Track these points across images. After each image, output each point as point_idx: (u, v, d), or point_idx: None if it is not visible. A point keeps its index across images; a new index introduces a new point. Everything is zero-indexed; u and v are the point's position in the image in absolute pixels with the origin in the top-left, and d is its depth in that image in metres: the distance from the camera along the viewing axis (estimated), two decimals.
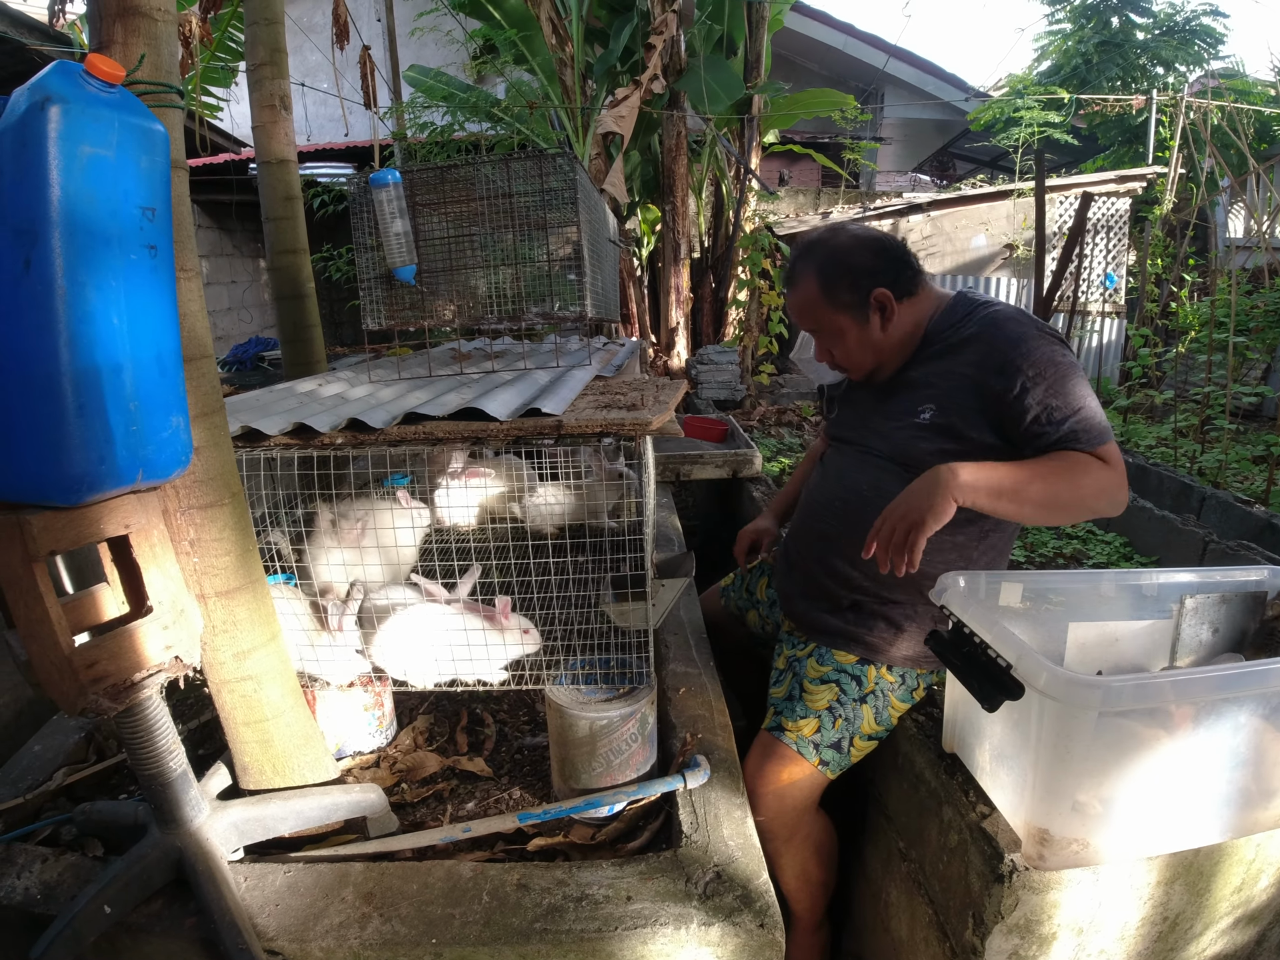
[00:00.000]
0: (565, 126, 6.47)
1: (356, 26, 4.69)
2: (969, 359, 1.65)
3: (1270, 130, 9.04)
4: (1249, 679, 1.28)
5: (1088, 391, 1.58)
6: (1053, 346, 1.60)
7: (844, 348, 1.77)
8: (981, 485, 1.45)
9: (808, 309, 1.77)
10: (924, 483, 1.47)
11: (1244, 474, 4.15)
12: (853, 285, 1.71)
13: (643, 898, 1.25)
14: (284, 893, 1.29)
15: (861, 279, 1.71)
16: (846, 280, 1.71)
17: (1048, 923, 1.38)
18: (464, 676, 1.61)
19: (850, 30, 11.84)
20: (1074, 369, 1.59)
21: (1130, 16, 10.97)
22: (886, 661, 1.78)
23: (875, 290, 1.70)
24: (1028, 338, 1.60)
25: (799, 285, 1.76)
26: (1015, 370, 1.57)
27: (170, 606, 1.19)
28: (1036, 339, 1.60)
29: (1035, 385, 1.55)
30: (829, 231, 1.79)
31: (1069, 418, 1.54)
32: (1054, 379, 1.56)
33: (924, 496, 1.45)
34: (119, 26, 1.11)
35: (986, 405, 1.61)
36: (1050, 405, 1.55)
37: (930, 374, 1.71)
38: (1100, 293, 8.02)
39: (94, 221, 0.98)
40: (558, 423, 1.42)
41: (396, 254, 1.83)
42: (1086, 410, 1.55)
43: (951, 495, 1.43)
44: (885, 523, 1.48)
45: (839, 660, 1.80)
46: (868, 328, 1.73)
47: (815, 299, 1.74)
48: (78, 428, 0.99)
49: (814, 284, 1.73)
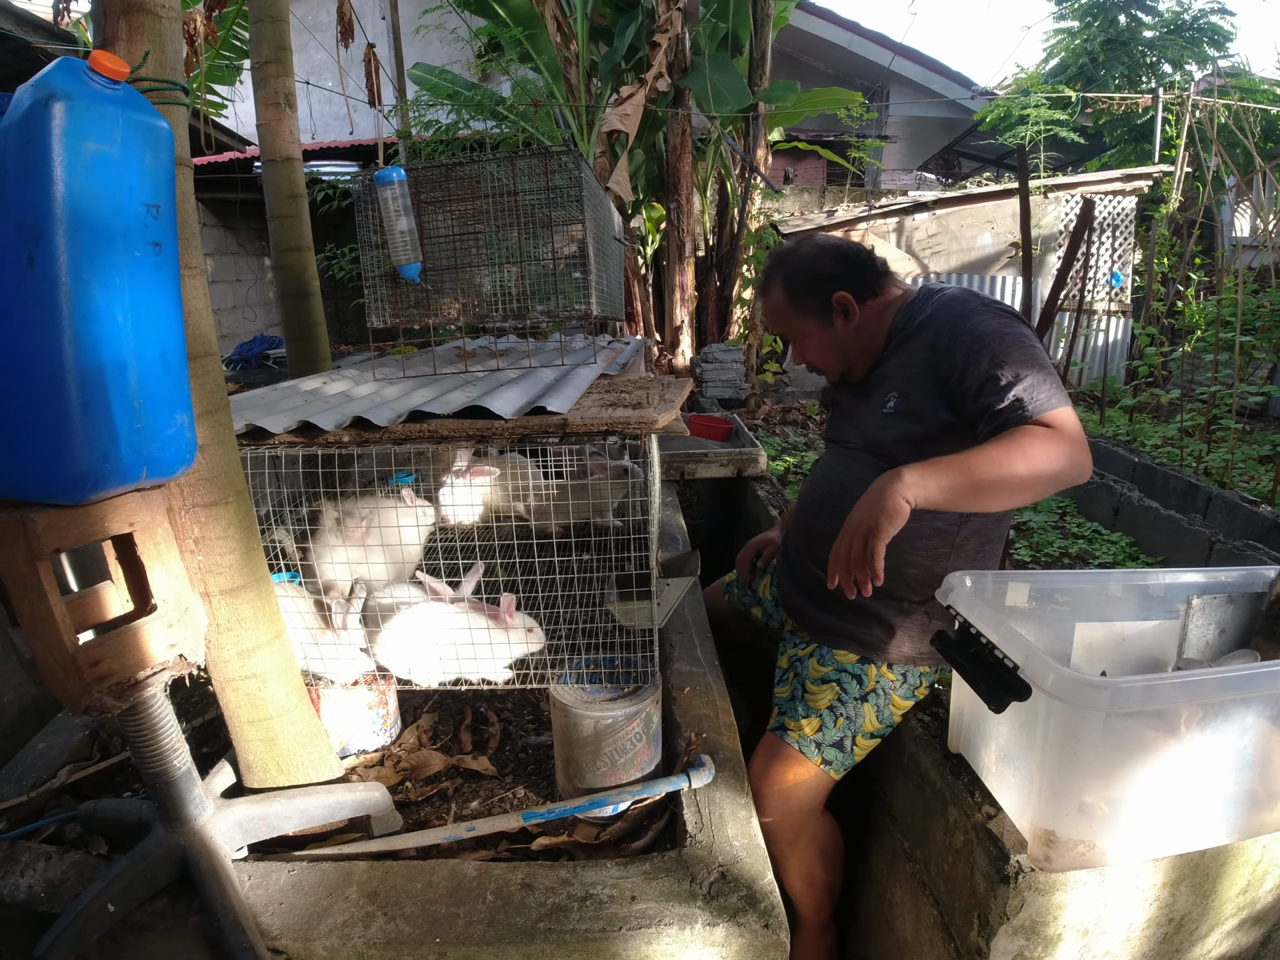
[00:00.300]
0: (570, 124, 6.46)
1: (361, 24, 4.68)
2: (922, 344, 1.69)
3: (1277, 128, 9.01)
4: (1257, 680, 1.28)
5: (1036, 360, 1.55)
6: (999, 319, 1.61)
7: (813, 350, 1.88)
8: (930, 480, 1.44)
9: (778, 315, 1.88)
10: (871, 491, 1.47)
11: (1250, 474, 4.14)
12: (816, 290, 1.81)
13: (647, 898, 1.25)
14: (288, 891, 1.29)
15: (824, 284, 1.80)
16: (809, 286, 1.82)
17: (1053, 924, 1.38)
18: (468, 675, 1.61)
19: (855, 28, 11.82)
20: (1021, 339, 1.58)
21: (1137, 15, 10.94)
22: (887, 660, 1.78)
23: (836, 294, 1.79)
24: (971, 313, 1.63)
25: (769, 294, 1.88)
26: (959, 345, 1.60)
27: (174, 605, 1.19)
28: (980, 314, 1.62)
29: (978, 357, 1.56)
30: (795, 243, 1.91)
31: (1013, 385, 1.51)
32: (998, 349, 1.55)
33: (873, 503, 1.44)
34: (123, 23, 1.11)
35: (940, 386, 1.65)
36: (993, 375, 1.53)
37: (893, 366, 1.76)
38: (1106, 291, 8.00)
39: (98, 218, 0.97)
40: (563, 421, 1.42)
41: (401, 252, 1.83)
42: (1032, 378, 1.52)
43: (900, 495, 1.42)
44: (841, 541, 1.48)
45: (839, 660, 1.81)
46: (833, 330, 1.82)
47: (783, 305, 1.85)
48: (82, 425, 0.99)
49: (781, 292, 1.85)
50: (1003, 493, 1.47)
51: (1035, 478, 1.46)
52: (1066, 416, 1.51)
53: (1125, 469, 4.10)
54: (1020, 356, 1.54)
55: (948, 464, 1.46)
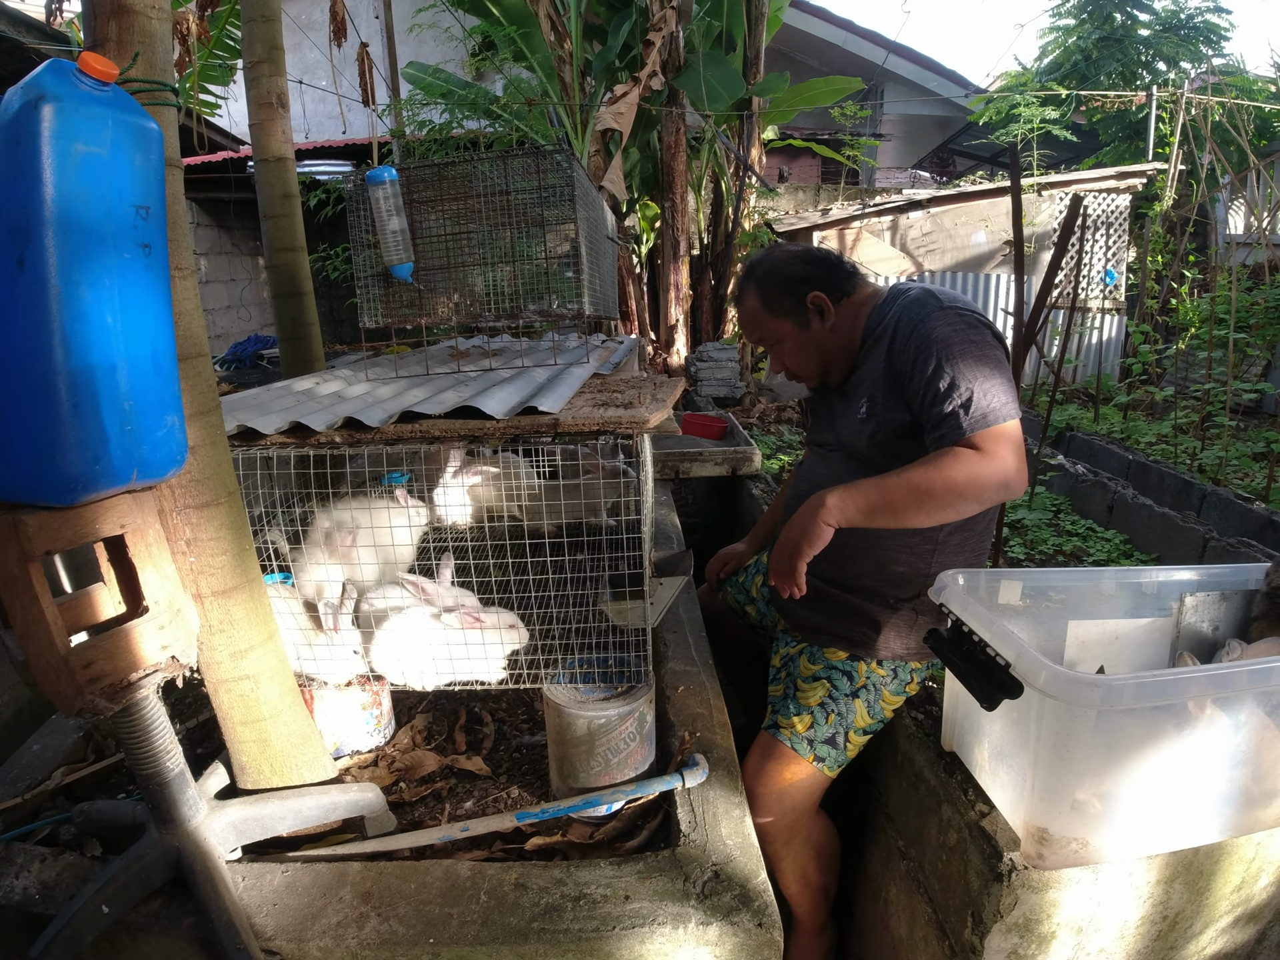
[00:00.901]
0: (564, 123, 6.46)
1: (355, 24, 4.68)
2: (886, 347, 1.70)
3: (1271, 126, 9.03)
4: (1250, 677, 1.28)
5: (985, 368, 1.56)
6: (953, 325, 1.60)
7: (790, 353, 1.86)
8: (850, 504, 1.55)
9: (754, 322, 1.88)
10: (799, 514, 1.60)
11: (1244, 471, 4.15)
12: (790, 292, 1.81)
13: (641, 897, 1.25)
14: (282, 892, 1.29)
15: (797, 286, 1.81)
16: (783, 288, 1.82)
17: (1047, 922, 1.38)
18: (460, 677, 1.61)
19: (850, 26, 11.82)
20: (971, 346, 1.57)
21: (1132, 13, 10.95)
22: (875, 656, 1.79)
23: (811, 294, 1.80)
24: (927, 317, 1.62)
25: (744, 302, 1.88)
26: (911, 350, 1.62)
27: (166, 606, 1.19)
28: (935, 318, 1.61)
29: (926, 364, 1.58)
30: (765, 251, 1.95)
31: (953, 396, 1.53)
32: (944, 357, 1.56)
33: (799, 526, 1.58)
34: (113, 24, 1.11)
35: (901, 388, 1.66)
36: (937, 386, 1.56)
37: (865, 370, 1.77)
38: (1100, 289, 8.01)
39: (88, 220, 0.97)
40: (554, 421, 1.42)
41: (393, 251, 1.83)
42: (978, 387, 1.53)
43: (821, 521, 1.55)
44: (774, 556, 1.63)
45: (829, 657, 1.82)
46: (809, 330, 1.82)
47: (758, 311, 1.85)
48: (72, 427, 0.99)
49: (755, 298, 1.85)
50: (921, 514, 1.55)
51: (954, 500, 1.52)
52: (1004, 433, 1.53)
53: (1119, 466, 4.11)
54: (967, 366, 1.55)
55: (868, 488, 1.56)
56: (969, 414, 1.52)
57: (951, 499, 1.51)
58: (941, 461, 1.52)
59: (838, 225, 7.90)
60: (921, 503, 1.52)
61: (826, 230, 7.89)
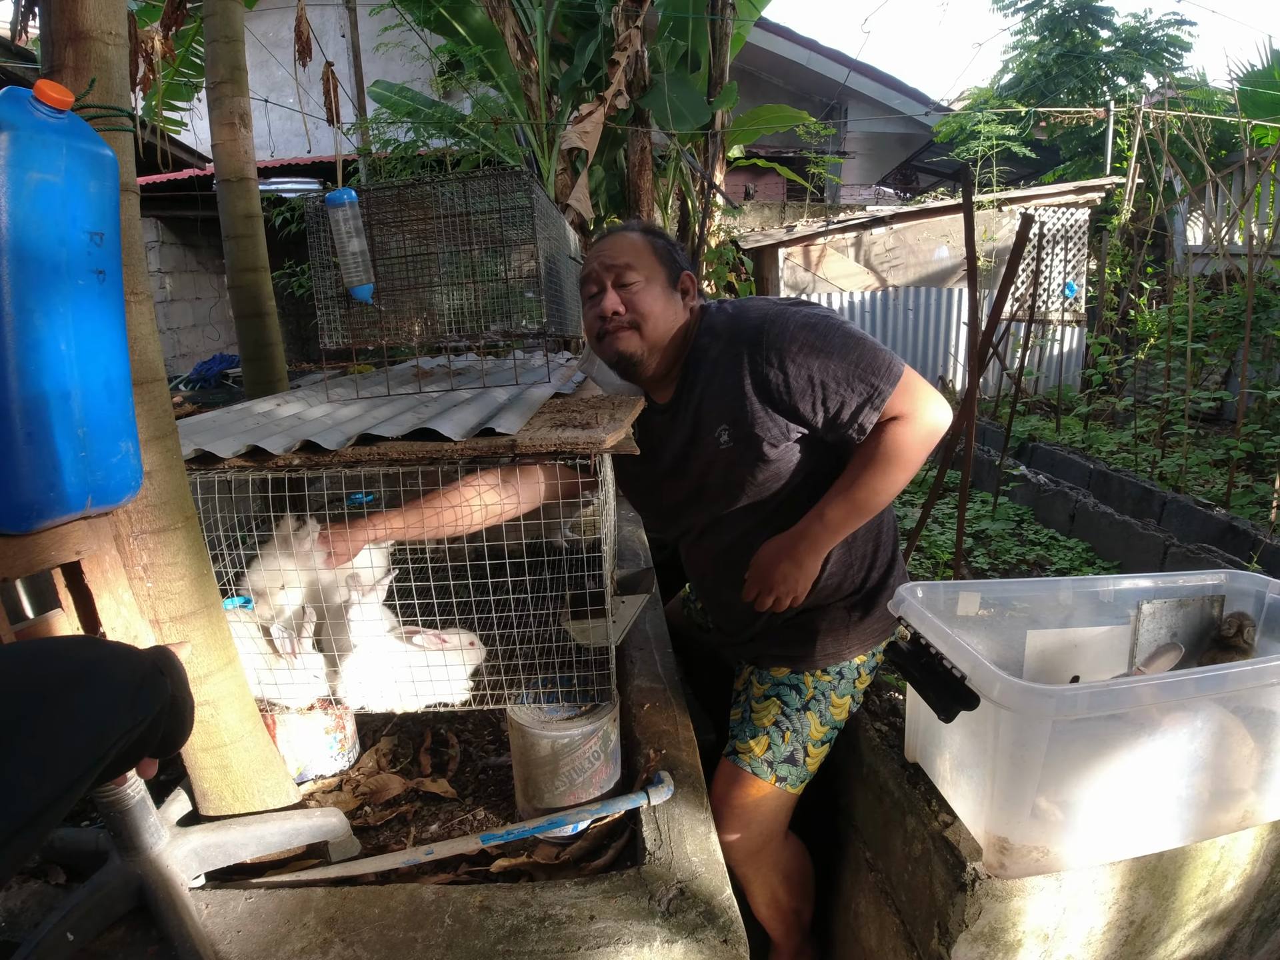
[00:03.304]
0: (531, 142, 6.47)
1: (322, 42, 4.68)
2: (733, 364, 1.66)
3: (1230, 138, 9.23)
4: (1205, 684, 1.30)
5: (854, 341, 1.59)
6: (799, 312, 1.63)
7: (651, 298, 1.70)
8: (824, 545, 1.67)
9: (634, 250, 1.72)
10: (782, 571, 1.69)
11: (1205, 478, 4.23)
12: (672, 258, 1.76)
13: (606, 916, 1.25)
14: (245, 919, 1.28)
15: (678, 255, 1.78)
16: (670, 250, 1.76)
17: (1012, 930, 1.40)
18: (423, 701, 1.61)
19: (813, 46, 11.97)
20: (827, 321, 1.61)
21: (1093, 28, 11.16)
22: (816, 666, 1.80)
23: (685, 271, 1.76)
24: (772, 318, 1.63)
25: (628, 233, 1.77)
26: (776, 354, 1.60)
27: (124, 633, 1.18)
28: (781, 315, 1.63)
29: (802, 362, 1.59)
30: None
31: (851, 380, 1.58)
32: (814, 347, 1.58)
33: (791, 583, 1.68)
34: (70, 51, 1.11)
35: (773, 401, 1.63)
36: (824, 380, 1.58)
37: (708, 393, 1.70)
38: (1061, 302, 8.15)
39: (41, 248, 0.97)
40: (512, 442, 1.42)
41: (354, 273, 1.83)
42: (863, 361, 1.57)
43: (804, 567, 1.68)
44: (767, 598, 1.72)
45: (775, 675, 1.83)
46: (674, 296, 1.74)
47: (642, 245, 1.74)
48: (26, 455, 0.98)
49: (643, 237, 1.75)
50: (888, 492, 1.63)
51: (914, 466, 1.63)
52: (909, 383, 1.59)
53: (1081, 476, 4.17)
54: (840, 342, 1.58)
55: (833, 521, 1.64)
56: (875, 388, 1.57)
57: (912, 466, 1.62)
58: (885, 449, 1.59)
59: (803, 242, 7.98)
60: (894, 489, 1.63)
61: (792, 247, 7.97)
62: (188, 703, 1.00)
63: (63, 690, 0.77)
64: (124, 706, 0.83)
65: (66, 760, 0.74)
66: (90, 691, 0.79)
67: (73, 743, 0.74)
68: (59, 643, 0.89)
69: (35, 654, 0.81)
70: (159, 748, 0.95)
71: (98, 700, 0.79)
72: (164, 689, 0.92)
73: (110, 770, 0.85)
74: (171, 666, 0.97)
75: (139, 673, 0.88)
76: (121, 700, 0.83)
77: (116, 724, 0.81)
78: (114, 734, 0.81)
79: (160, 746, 0.95)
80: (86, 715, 0.77)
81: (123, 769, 0.94)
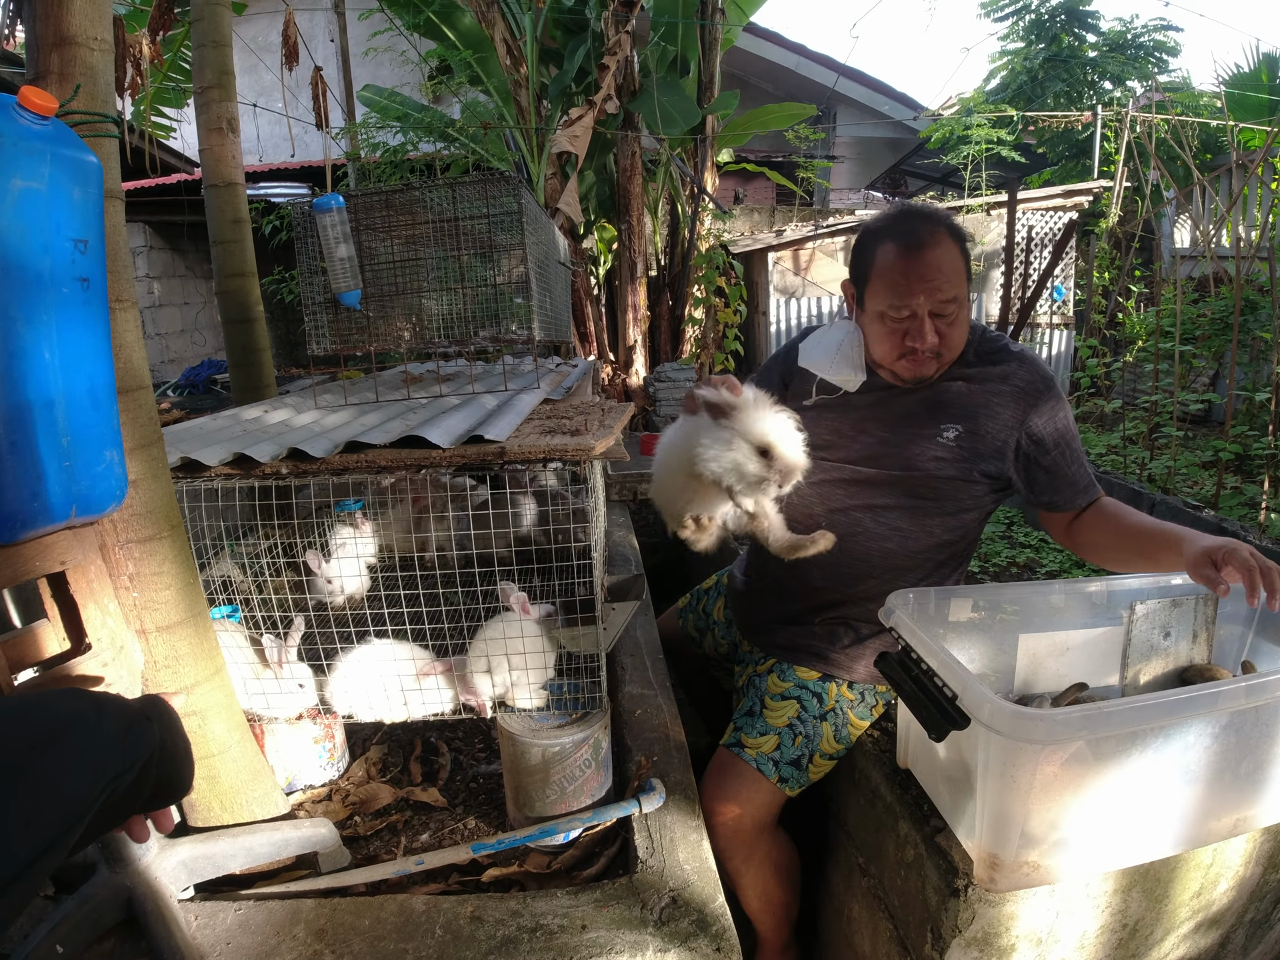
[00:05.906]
0: (520, 146, 6.47)
1: (311, 47, 4.67)
2: (1006, 386, 1.69)
3: (1217, 140, 9.27)
4: (1196, 703, 1.27)
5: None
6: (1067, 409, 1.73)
7: (962, 328, 1.64)
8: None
9: (957, 274, 1.60)
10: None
11: (1193, 479, 4.23)
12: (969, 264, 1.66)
13: (598, 926, 1.24)
14: (235, 931, 1.26)
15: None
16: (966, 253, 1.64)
17: (1005, 935, 1.39)
18: (414, 712, 1.59)
19: (802, 50, 11.99)
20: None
21: (1079, 33, 11.20)
22: (848, 678, 1.78)
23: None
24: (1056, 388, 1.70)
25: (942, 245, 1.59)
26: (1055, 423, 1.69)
27: (109, 643, 1.17)
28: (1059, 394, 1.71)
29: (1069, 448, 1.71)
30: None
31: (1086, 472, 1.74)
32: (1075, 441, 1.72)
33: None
34: (55, 57, 1.10)
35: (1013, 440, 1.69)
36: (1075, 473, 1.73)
37: (966, 393, 1.69)
38: (1049, 305, 8.17)
39: (25, 256, 0.96)
40: (500, 449, 1.41)
41: (341, 279, 1.82)
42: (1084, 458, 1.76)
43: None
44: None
45: (800, 676, 1.79)
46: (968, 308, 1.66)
47: (961, 264, 1.61)
48: (10, 465, 0.97)
49: (957, 250, 1.61)
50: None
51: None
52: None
53: None
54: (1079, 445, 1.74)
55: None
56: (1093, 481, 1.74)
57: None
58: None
59: (792, 246, 7.99)
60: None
61: (781, 251, 7.97)
62: (181, 749, 0.99)
63: (30, 753, 0.74)
64: (109, 758, 0.81)
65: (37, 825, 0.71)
66: (59, 754, 0.76)
67: (41, 810, 0.72)
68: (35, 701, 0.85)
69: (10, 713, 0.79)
70: (154, 797, 0.94)
71: (67, 763, 0.77)
72: (151, 736, 0.90)
73: (100, 823, 0.83)
74: (161, 714, 0.96)
75: (124, 722, 0.87)
76: (100, 754, 0.81)
77: (97, 779, 0.80)
78: (92, 791, 0.79)
79: (155, 796, 0.94)
80: (56, 780, 0.75)
81: (117, 819, 0.92)
